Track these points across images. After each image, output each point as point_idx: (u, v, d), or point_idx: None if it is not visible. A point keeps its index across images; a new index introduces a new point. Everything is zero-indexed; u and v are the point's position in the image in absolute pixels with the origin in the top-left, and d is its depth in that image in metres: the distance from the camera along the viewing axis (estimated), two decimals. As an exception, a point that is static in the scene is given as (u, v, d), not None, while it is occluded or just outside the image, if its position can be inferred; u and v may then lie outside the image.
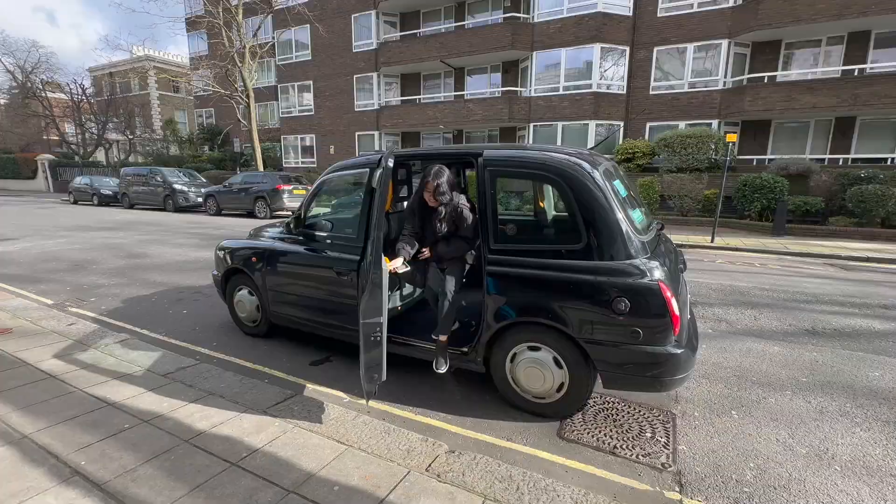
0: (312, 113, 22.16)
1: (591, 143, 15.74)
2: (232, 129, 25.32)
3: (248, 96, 18.63)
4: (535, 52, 16.35)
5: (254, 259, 3.86)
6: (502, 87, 17.82)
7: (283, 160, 23.48)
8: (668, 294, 2.37)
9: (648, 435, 2.61)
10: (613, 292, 2.42)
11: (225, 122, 25.96)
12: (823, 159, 13.70)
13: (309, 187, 9.62)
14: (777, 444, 2.52)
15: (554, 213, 4.02)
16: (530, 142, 17.01)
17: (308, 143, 22.70)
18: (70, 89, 31.29)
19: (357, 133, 20.94)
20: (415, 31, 19.32)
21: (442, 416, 2.84)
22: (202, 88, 23.56)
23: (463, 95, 18.65)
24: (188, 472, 2.09)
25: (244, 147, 24.35)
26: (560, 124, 16.23)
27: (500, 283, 2.71)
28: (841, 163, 13.44)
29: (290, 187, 14.33)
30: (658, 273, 2.43)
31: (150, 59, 33.98)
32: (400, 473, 2.12)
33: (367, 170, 3.29)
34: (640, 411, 2.86)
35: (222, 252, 4.18)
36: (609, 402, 2.97)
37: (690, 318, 3.09)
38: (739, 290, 5.78)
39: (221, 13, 17.96)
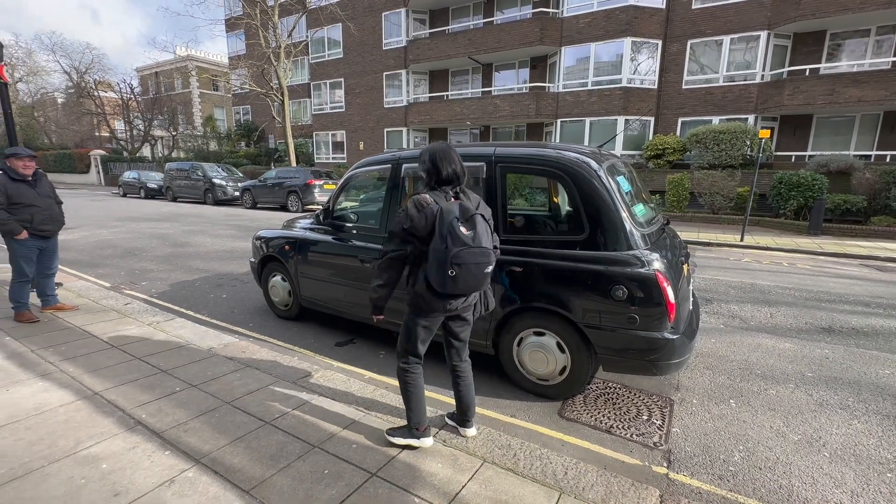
0: (343, 110, 22.76)
1: (619, 139, 15.55)
2: (267, 126, 26.34)
3: (282, 94, 19.38)
4: (563, 48, 16.25)
5: (287, 247, 4.21)
6: (530, 82, 17.79)
7: (315, 156, 24.25)
8: (665, 284, 2.52)
9: (645, 417, 2.78)
10: (613, 281, 2.59)
11: (261, 118, 27.01)
12: (869, 156, 13.06)
13: (338, 182, 10.05)
14: (769, 431, 2.63)
15: (568, 207, 4.18)
16: (557, 138, 16.94)
17: (339, 140, 23.35)
18: (119, 88, 33.29)
19: (385, 129, 21.38)
20: (443, 28, 19.52)
21: (451, 393, 3.08)
22: (240, 87, 24.62)
23: (490, 91, 18.73)
24: (229, 427, 2.43)
25: (278, 143, 25.33)
26: (588, 120, 16.09)
27: (508, 271, 2.92)
28: (889, 160, 12.76)
29: (321, 182, 14.88)
30: (657, 264, 2.59)
31: (192, 59, 35.62)
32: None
33: (390, 166, 3.57)
34: (639, 396, 3.02)
35: (259, 241, 4.57)
36: (610, 388, 3.14)
37: (693, 308, 3.22)
38: (760, 288, 5.74)
39: (259, 14, 18.73)
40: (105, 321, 4.07)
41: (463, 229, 1.96)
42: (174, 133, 32.99)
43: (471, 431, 2.43)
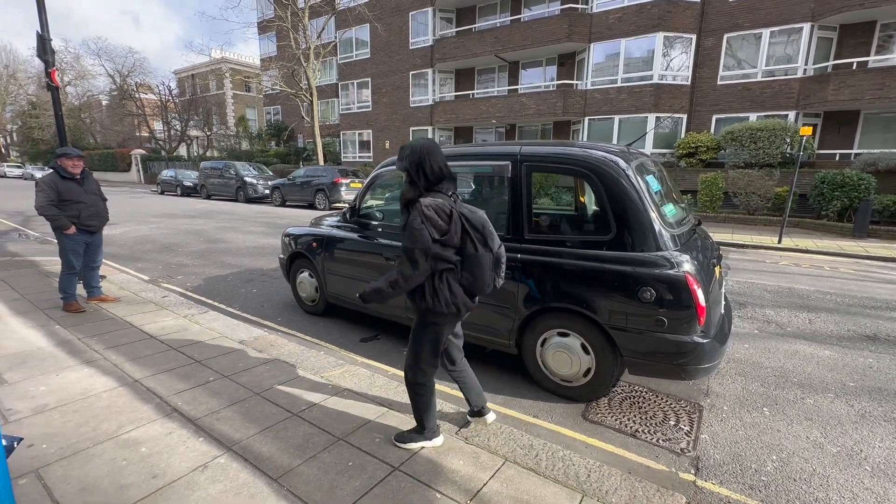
0: (370, 109, 23.05)
1: (649, 137, 15.15)
2: (296, 126, 26.99)
3: (311, 94, 19.80)
4: (592, 44, 15.94)
5: (314, 244, 4.31)
6: (557, 80, 17.55)
7: (342, 155, 24.67)
8: (695, 286, 2.45)
9: (672, 422, 2.71)
10: (640, 282, 2.54)
11: (290, 118, 27.68)
12: (922, 154, 12.24)
13: (364, 181, 10.18)
14: (806, 442, 2.52)
15: (594, 207, 4.12)
16: (585, 136, 16.65)
17: (365, 139, 23.67)
18: (159, 90, 34.77)
19: (411, 128, 21.52)
20: (470, 27, 19.48)
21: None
22: (271, 87, 25.31)
23: (516, 90, 18.58)
24: (258, 417, 2.51)
25: (307, 142, 25.90)
26: (617, 118, 15.74)
27: (532, 271, 2.90)
28: (945, 158, 11.93)
29: (348, 181, 15.14)
30: (687, 266, 2.52)
31: (226, 62, 36.83)
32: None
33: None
34: (666, 401, 2.95)
35: (287, 238, 4.70)
36: (636, 391, 3.08)
37: (724, 312, 3.12)
38: (798, 292, 5.49)
39: (289, 16, 19.18)
40: (144, 312, 4.27)
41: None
42: (209, 133, 34.22)
43: (491, 416, 2.51)
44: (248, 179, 17.96)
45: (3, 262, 6.22)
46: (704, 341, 2.51)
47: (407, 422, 2.49)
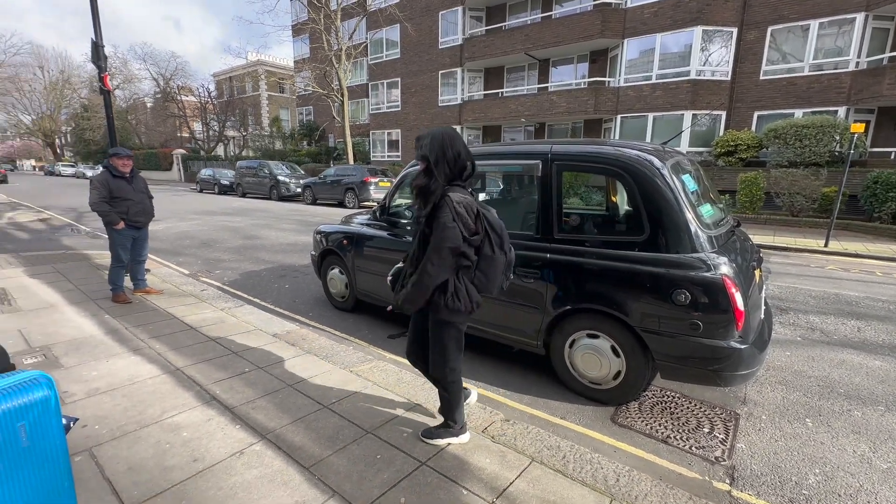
0: (399, 109, 23.28)
1: (685, 136, 14.64)
2: (327, 126, 27.55)
3: (342, 94, 20.18)
4: (626, 40, 15.55)
5: (344, 242, 4.41)
6: (588, 77, 17.21)
7: (372, 154, 25.03)
8: (733, 289, 2.37)
9: (706, 430, 2.62)
10: (674, 284, 2.47)
11: (322, 118, 28.30)
12: None
13: (393, 180, 10.32)
14: (852, 456, 2.39)
15: (627, 207, 4.03)
16: (616, 134, 16.27)
17: (394, 138, 23.92)
18: (198, 93, 36.29)
19: (440, 127, 21.56)
20: (500, 25, 19.36)
21: (501, 391, 3.10)
22: (303, 88, 25.95)
23: (546, 88, 18.34)
24: (291, 408, 2.60)
25: (337, 142, 26.41)
26: (651, 115, 15.29)
27: (561, 271, 2.87)
28: None
29: (377, 180, 15.36)
30: (724, 268, 2.43)
31: (262, 64, 38.04)
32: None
33: (444, 164, 3.62)
34: (700, 408, 2.86)
35: (319, 235, 4.82)
36: (668, 396, 2.99)
37: (764, 317, 2.99)
38: (846, 299, 5.19)
39: (322, 19, 19.60)
40: (185, 305, 4.48)
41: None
42: (244, 133, 35.45)
43: (473, 398, 2.61)
44: (280, 178, 18.50)
45: (59, 255, 6.66)
46: (742, 347, 2.42)
47: (432, 419, 2.52)
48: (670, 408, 2.86)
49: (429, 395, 2.79)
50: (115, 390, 2.73)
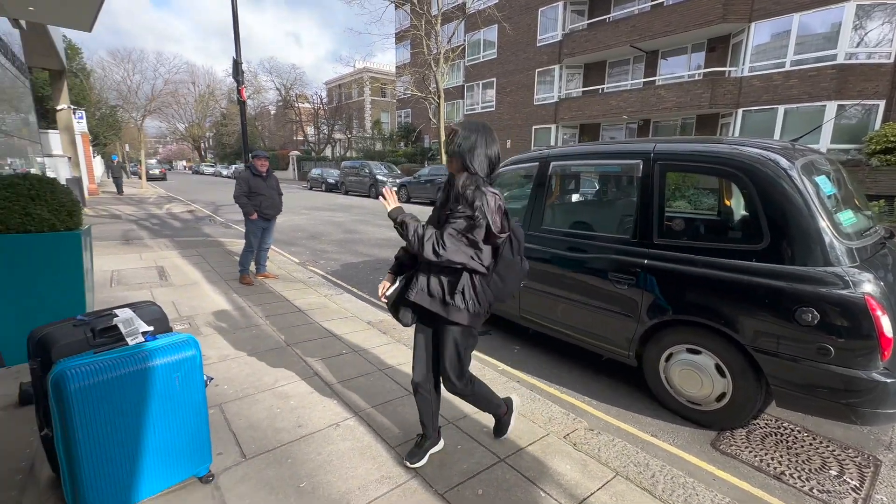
0: (493, 109, 23.34)
1: (826, 130, 12.52)
2: (423, 127, 28.66)
3: (439, 97, 20.84)
4: (753, 23, 13.76)
5: (435, 239, 4.58)
6: (704, 67, 15.56)
7: (464, 154, 25.39)
8: (878, 311, 2.01)
9: (834, 472, 2.26)
10: (799, 301, 2.17)
11: (418, 121, 29.51)
12: None
13: (484, 179, 10.38)
14: None
15: (743, 212, 3.61)
16: (735, 131, 14.50)
17: (487, 138, 24.00)
18: (312, 100, 40.16)
19: (534, 127, 21.21)
20: (604, 17, 18.38)
21: (587, 399, 2.99)
22: (403, 92, 27.29)
23: (653, 81, 16.98)
24: (381, 390, 2.80)
25: (432, 143, 27.32)
26: (781, 108, 13.35)
27: (660, 278, 2.68)
28: None
29: (468, 179, 15.59)
30: (868, 286, 2.07)
31: (367, 71, 40.83)
32: (539, 433, 2.40)
33: (538, 164, 3.59)
34: (827, 446, 2.46)
35: (412, 232, 5.06)
36: (786, 428, 2.63)
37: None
38: None
39: (423, 24, 20.44)
40: (295, 290, 5.04)
41: None
42: (349, 135, 38.40)
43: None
44: (379, 177, 19.71)
45: (201, 241, 7.90)
46: (888, 381, 2.04)
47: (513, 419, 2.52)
48: (787, 441, 2.51)
49: (511, 395, 2.80)
50: (239, 358, 3.19)
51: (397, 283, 2.00)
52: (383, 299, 2.01)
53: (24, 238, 2.79)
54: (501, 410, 2.24)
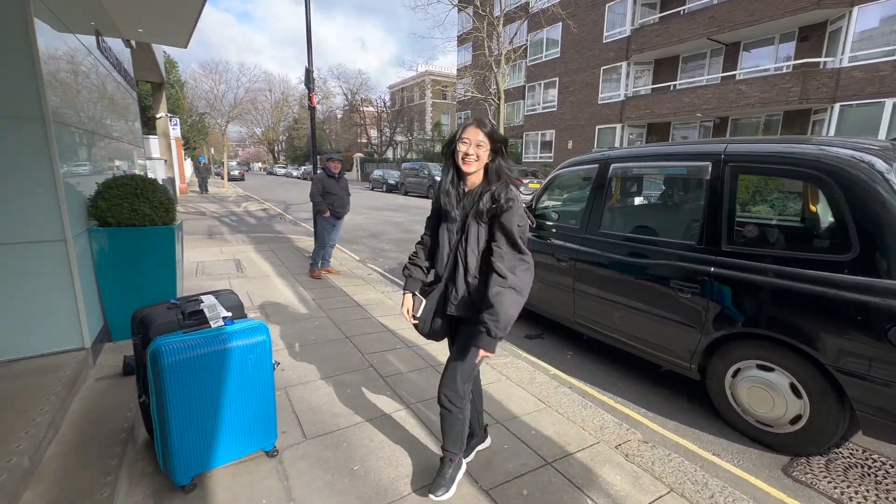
0: (555, 109, 22.82)
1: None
2: (483, 129, 28.64)
3: (499, 98, 20.73)
4: (856, 7, 12.28)
5: (490, 240, 4.60)
6: (795, 58, 14.12)
7: (523, 155, 25.12)
8: None
9: (934, 516, 1.99)
10: (894, 319, 1.94)
11: (478, 122, 29.54)
12: None
13: (542, 181, 10.26)
14: None
15: (829, 219, 3.26)
16: (831, 129, 13.02)
17: (547, 139, 23.57)
18: (376, 104, 41.70)
19: (598, 126, 20.46)
20: (677, 10, 17.29)
21: (643, 411, 2.87)
22: (463, 94, 27.50)
23: (733, 76, 15.70)
24: (430, 386, 2.88)
25: (491, 144, 27.22)
26: (889, 101, 11.80)
27: (729, 288, 2.51)
28: None
29: (526, 181, 15.46)
30: (982, 307, 1.81)
31: (429, 74, 41.64)
32: (589, 441, 2.35)
33: (597, 166, 3.50)
34: (928, 485, 2.17)
35: (467, 233, 5.13)
36: (875, 460, 2.35)
37: None
38: None
39: (485, 26, 20.46)
40: (354, 285, 5.30)
41: None
42: (410, 138, 39.38)
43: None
44: (437, 179, 20.00)
45: (272, 237, 8.54)
46: None
47: (562, 421, 2.50)
48: (876, 475, 2.25)
49: (561, 400, 2.77)
50: (304, 346, 3.43)
51: (421, 300, 1.97)
52: (412, 320, 1.96)
53: (130, 231, 3.21)
54: (459, 460, 1.96)
